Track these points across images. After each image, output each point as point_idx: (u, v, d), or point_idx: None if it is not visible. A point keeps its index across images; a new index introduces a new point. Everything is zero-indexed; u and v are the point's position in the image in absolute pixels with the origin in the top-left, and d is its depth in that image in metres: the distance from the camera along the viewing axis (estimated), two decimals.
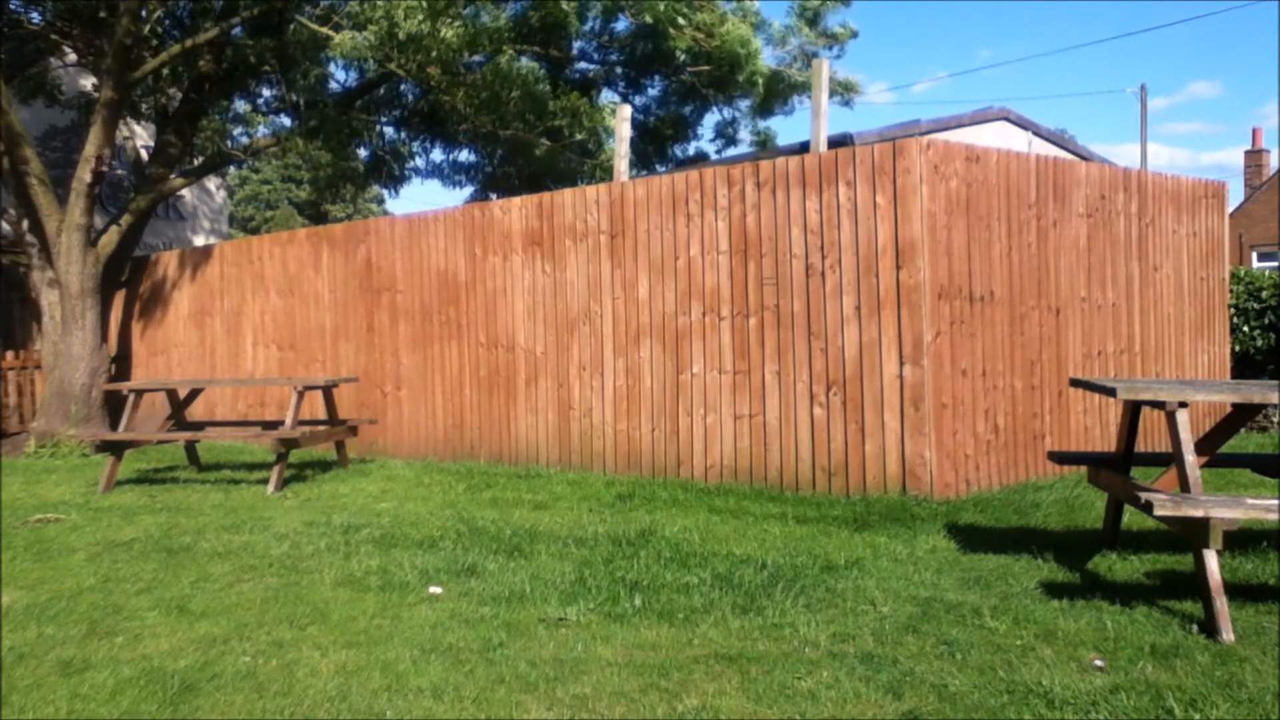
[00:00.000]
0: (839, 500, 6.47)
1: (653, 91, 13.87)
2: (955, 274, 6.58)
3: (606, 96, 13.55)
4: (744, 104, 13.30)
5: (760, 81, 11.82)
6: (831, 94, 12.56)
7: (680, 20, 11.13)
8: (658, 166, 14.26)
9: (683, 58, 11.88)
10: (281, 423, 8.30)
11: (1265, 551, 4.96)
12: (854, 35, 12.36)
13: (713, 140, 14.24)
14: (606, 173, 11.07)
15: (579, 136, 11.38)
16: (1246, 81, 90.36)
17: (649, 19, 10.97)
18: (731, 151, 14.06)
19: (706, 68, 12.03)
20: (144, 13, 10.82)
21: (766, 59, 12.07)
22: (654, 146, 14.11)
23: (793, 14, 12.31)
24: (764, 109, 12.92)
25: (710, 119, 15.62)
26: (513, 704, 3.36)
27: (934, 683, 3.43)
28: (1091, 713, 3.17)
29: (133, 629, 4.28)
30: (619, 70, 13.41)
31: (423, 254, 9.42)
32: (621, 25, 12.61)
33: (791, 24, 12.34)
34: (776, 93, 12.32)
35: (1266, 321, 9.93)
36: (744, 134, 13.85)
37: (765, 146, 13.15)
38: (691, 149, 14.58)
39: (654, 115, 13.90)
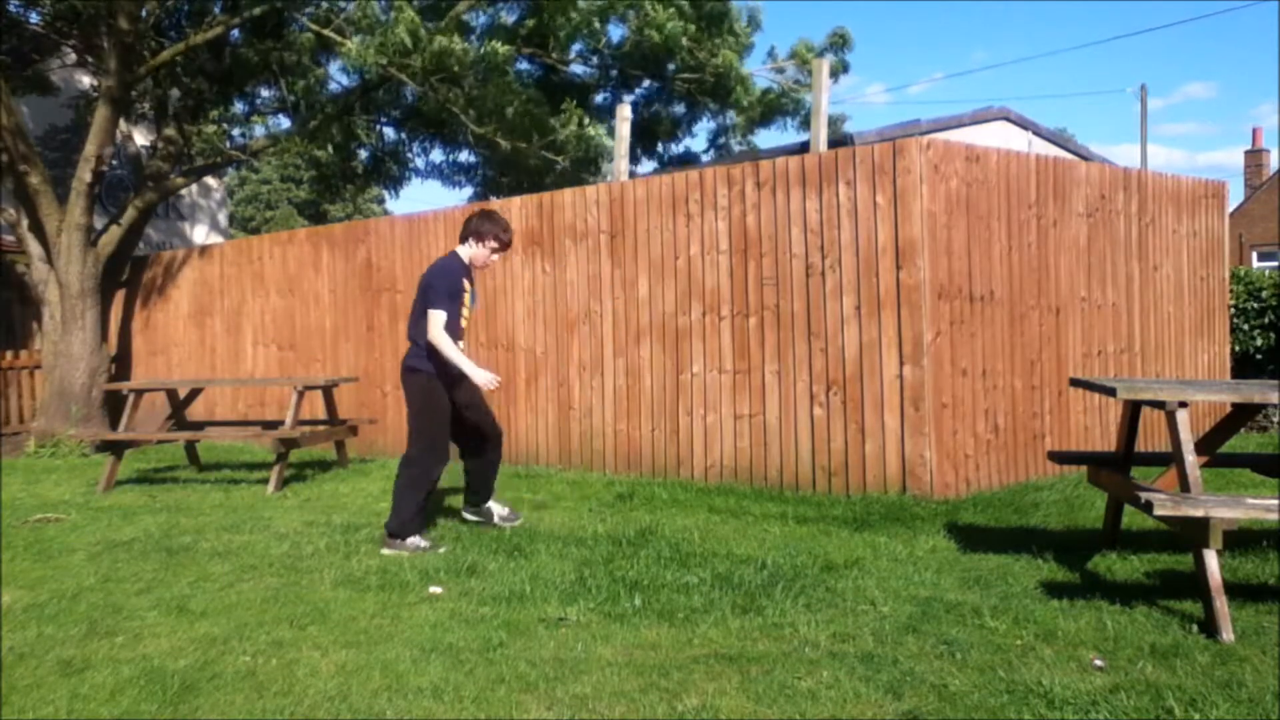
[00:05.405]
0: (839, 500, 6.47)
1: (646, 92, 14.08)
2: (955, 274, 6.58)
3: (601, 99, 13.76)
4: (733, 114, 13.74)
5: (754, 95, 12.51)
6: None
7: (684, 42, 11.55)
8: (646, 161, 14.54)
9: (673, 66, 12.19)
10: (281, 423, 8.30)
11: (1265, 551, 4.96)
12: (844, 69, 12.90)
13: (706, 151, 14.71)
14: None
15: (576, 153, 11.49)
16: (1241, 83, 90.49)
17: (656, 38, 11.26)
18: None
19: (697, 76, 12.42)
20: (144, 13, 10.81)
21: (758, 80, 12.87)
22: (645, 143, 14.27)
23: (792, 52, 12.83)
24: (762, 121, 13.49)
25: (703, 125, 16.37)
26: (513, 704, 3.36)
27: (934, 683, 3.43)
28: (1091, 713, 3.17)
29: (133, 629, 4.28)
30: (613, 73, 13.55)
31: (423, 254, 9.41)
32: (617, 34, 12.84)
33: (794, 47, 12.80)
34: (776, 107, 12.97)
35: (1266, 321, 9.93)
36: (734, 144, 14.26)
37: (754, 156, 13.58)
38: (682, 147, 14.93)
39: (647, 112, 14.02)
